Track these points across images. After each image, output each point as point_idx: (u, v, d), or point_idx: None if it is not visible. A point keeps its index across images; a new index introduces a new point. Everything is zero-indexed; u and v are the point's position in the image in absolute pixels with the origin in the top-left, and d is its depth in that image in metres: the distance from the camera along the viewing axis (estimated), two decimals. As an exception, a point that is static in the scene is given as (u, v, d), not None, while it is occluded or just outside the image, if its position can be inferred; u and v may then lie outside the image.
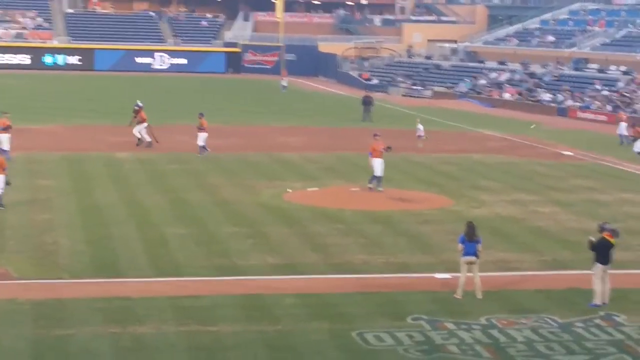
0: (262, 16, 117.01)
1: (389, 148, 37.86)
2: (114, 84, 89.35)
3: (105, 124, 57.35)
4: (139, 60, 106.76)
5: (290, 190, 37.14)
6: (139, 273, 24.65)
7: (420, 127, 51.69)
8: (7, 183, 31.97)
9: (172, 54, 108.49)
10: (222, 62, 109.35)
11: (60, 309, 21.35)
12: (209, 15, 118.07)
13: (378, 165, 37.23)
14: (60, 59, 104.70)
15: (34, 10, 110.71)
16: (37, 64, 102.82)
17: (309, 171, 42.55)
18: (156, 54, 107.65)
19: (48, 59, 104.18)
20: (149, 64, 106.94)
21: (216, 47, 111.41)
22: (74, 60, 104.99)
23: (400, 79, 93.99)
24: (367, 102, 65.24)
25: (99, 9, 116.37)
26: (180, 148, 48.06)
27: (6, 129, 42.24)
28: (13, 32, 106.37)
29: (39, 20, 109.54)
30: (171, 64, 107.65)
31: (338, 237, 29.37)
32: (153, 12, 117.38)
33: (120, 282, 23.84)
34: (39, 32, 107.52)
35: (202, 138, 45.76)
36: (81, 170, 40.84)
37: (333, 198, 36.19)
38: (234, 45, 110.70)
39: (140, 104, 48.94)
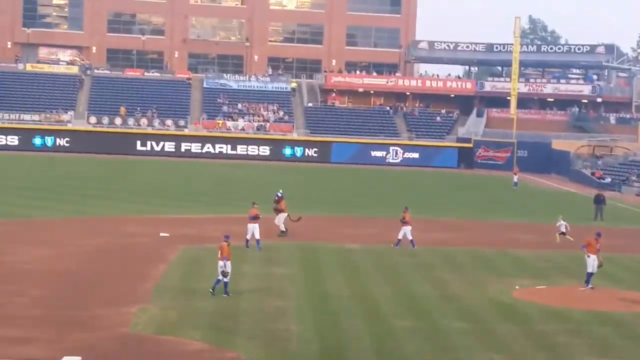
0: (495, 112, 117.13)
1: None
2: (348, 176, 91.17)
3: (338, 215, 58.57)
4: (374, 153, 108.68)
5: (519, 287, 36.79)
6: (366, 364, 25.01)
7: (562, 222, 50.48)
8: (223, 274, 32.88)
9: (406, 148, 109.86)
10: (455, 157, 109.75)
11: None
12: (443, 111, 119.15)
13: (591, 262, 36.71)
14: (299, 151, 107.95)
15: (276, 104, 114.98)
16: (276, 156, 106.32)
17: (539, 269, 41.99)
18: (391, 148, 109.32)
19: (287, 151, 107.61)
20: (383, 158, 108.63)
21: (449, 142, 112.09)
22: (311, 152, 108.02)
23: (634, 178, 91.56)
24: (599, 201, 63.94)
25: (337, 104, 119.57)
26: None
27: (255, 218, 43.58)
28: (255, 124, 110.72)
29: (280, 113, 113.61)
30: (404, 157, 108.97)
31: (567, 337, 28.86)
32: (389, 107, 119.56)
33: (347, 372, 24.26)
34: (280, 125, 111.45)
35: (407, 232, 46.09)
36: (314, 259, 41.83)
37: (562, 297, 35.62)
38: (467, 140, 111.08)
39: (279, 194, 48.90)
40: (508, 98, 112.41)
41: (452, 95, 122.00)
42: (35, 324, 27.96)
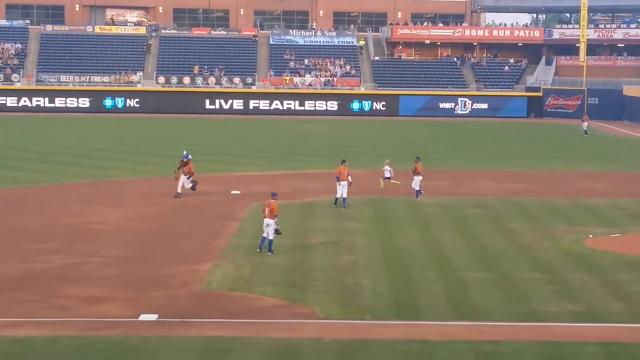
0: (565, 60, 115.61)
1: None
2: (417, 129, 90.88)
3: (408, 169, 58.42)
4: (442, 105, 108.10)
5: (592, 236, 36.54)
6: (439, 316, 25.10)
7: (387, 167, 47.84)
8: (277, 232, 32.91)
9: (475, 99, 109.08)
10: (524, 106, 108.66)
11: (364, 349, 22.12)
12: (511, 60, 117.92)
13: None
14: (366, 104, 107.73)
15: (343, 59, 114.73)
16: (344, 110, 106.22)
17: (613, 217, 41.61)
18: (459, 99, 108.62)
19: (355, 105, 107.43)
20: (452, 109, 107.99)
21: (518, 92, 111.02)
22: (379, 106, 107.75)
23: None
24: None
25: (404, 56, 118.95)
26: (481, 193, 48.36)
27: (343, 177, 43.01)
28: (322, 79, 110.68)
29: (347, 67, 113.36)
30: (473, 108, 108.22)
31: (642, 286, 28.67)
32: (456, 58, 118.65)
33: (420, 324, 24.39)
34: (347, 80, 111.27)
35: (416, 182, 45.74)
36: (384, 213, 41.91)
37: (637, 245, 35.30)
38: (536, 89, 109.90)
39: (189, 155, 46.24)
40: (577, 45, 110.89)
41: (520, 44, 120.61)
42: (112, 283, 28.49)
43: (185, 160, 45.54)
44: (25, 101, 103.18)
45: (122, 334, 23.12)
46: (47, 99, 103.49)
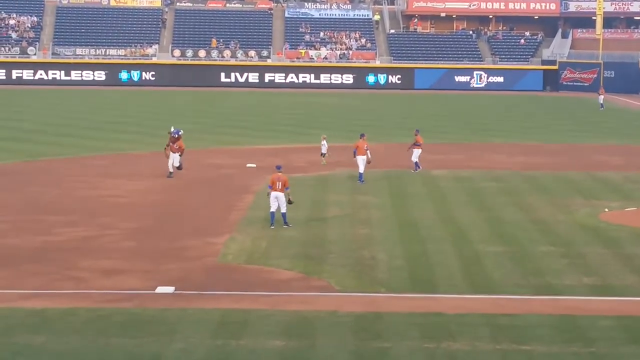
0: (581, 33, 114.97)
1: None
2: (432, 103, 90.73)
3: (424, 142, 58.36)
4: (457, 78, 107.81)
5: (607, 210, 36.47)
6: (454, 289, 25.13)
7: (323, 143, 47.99)
8: (290, 202, 33.00)
9: (490, 72, 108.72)
10: (540, 80, 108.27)
11: (379, 322, 22.17)
12: (527, 34, 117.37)
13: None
14: (382, 78, 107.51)
15: (358, 32, 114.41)
16: (359, 84, 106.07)
17: (629, 191, 41.52)
18: (475, 73, 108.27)
19: (370, 79, 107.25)
20: (467, 83, 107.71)
21: (534, 65, 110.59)
22: (394, 79, 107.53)
23: None
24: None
25: (419, 29, 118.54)
26: (496, 166, 48.28)
27: (361, 150, 42.89)
28: (338, 52, 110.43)
29: (363, 41, 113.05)
30: (488, 82, 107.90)
31: (658, 260, 28.63)
32: (472, 30, 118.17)
33: (436, 297, 24.43)
34: (363, 53, 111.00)
35: (416, 154, 45.69)
36: (399, 187, 41.91)
37: (653, 219, 35.24)
38: (552, 63, 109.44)
39: (179, 131, 43.93)
40: (593, 18, 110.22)
41: (536, 17, 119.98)
42: (129, 255, 28.61)
43: (176, 136, 43.25)
44: (41, 74, 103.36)
45: (139, 306, 23.23)
46: (63, 72, 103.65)
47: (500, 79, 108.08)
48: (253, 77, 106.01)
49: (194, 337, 20.91)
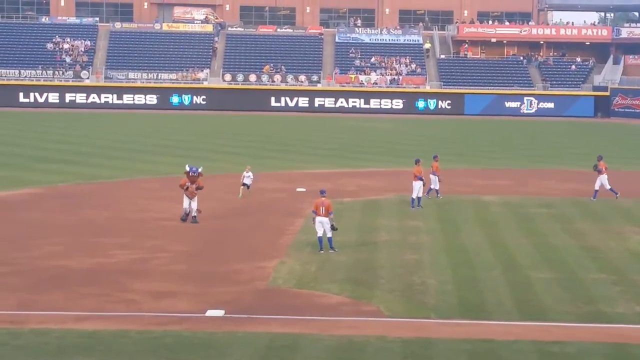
0: (633, 59, 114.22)
1: None
2: (482, 128, 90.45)
3: (473, 168, 58.29)
4: (508, 104, 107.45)
5: (661, 238, 36.13)
6: (504, 316, 25.00)
7: (246, 174, 44.85)
8: (334, 228, 32.90)
9: (541, 98, 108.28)
10: (591, 106, 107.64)
11: (428, 348, 22.12)
12: (578, 59, 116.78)
13: None
14: (432, 103, 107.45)
15: (408, 57, 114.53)
16: (409, 109, 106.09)
17: (682, 219, 41.08)
18: (525, 98, 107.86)
19: (420, 104, 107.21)
20: (518, 108, 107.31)
21: (585, 92, 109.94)
22: (444, 104, 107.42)
23: None
24: None
25: (470, 55, 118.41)
26: (547, 192, 48.02)
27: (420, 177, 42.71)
28: (388, 77, 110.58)
29: (413, 66, 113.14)
30: (539, 108, 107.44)
31: None
32: (523, 56, 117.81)
33: (485, 323, 24.32)
34: (413, 78, 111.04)
35: (434, 181, 44.85)
36: (449, 212, 41.81)
37: None
38: (603, 89, 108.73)
39: (199, 169, 38.36)
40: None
41: (588, 43, 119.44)
42: (179, 278, 28.78)
43: (194, 174, 37.88)
44: (94, 97, 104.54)
45: (189, 329, 23.37)
46: (115, 96, 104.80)
47: (551, 105, 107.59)
48: (303, 102, 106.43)
49: (244, 361, 20.99)
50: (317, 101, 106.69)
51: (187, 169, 38.00)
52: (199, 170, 38.05)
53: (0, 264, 30.30)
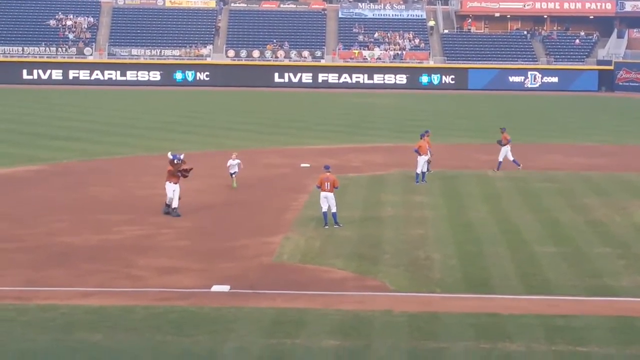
0: (637, 33, 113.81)
1: None
2: (486, 103, 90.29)
3: (477, 143, 58.20)
4: (512, 79, 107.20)
5: (666, 212, 36.12)
6: (509, 290, 25.04)
7: (233, 162, 41.66)
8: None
9: (544, 72, 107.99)
10: (595, 80, 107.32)
11: (434, 322, 22.17)
12: (582, 34, 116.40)
13: None
14: (435, 78, 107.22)
15: (412, 32, 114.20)
16: (413, 84, 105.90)
17: (686, 193, 41.06)
18: (529, 73, 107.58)
19: (424, 79, 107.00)
20: (521, 83, 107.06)
21: (589, 66, 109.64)
22: (448, 79, 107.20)
23: None
24: None
25: (473, 29, 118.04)
26: (552, 167, 47.98)
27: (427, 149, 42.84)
28: (391, 53, 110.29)
29: (416, 41, 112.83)
30: (543, 82, 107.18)
31: None
32: (526, 31, 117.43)
33: (491, 298, 24.36)
34: (416, 53, 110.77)
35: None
36: (454, 187, 41.81)
37: None
38: (607, 63, 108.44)
39: (180, 156, 36.16)
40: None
41: (591, 17, 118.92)
42: (184, 254, 28.84)
43: (178, 162, 35.77)
44: (97, 74, 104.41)
45: (194, 304, 23.42)
46: (118, 72, 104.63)
47: (555, 80, 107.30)
48: (306, 78, 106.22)
49: (249, 336, 21.05)
50: (321, 77, 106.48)
51: (170, 157, 36.11)
52: (181, 157, 36.08)
53: (6, 241, 30.38)
